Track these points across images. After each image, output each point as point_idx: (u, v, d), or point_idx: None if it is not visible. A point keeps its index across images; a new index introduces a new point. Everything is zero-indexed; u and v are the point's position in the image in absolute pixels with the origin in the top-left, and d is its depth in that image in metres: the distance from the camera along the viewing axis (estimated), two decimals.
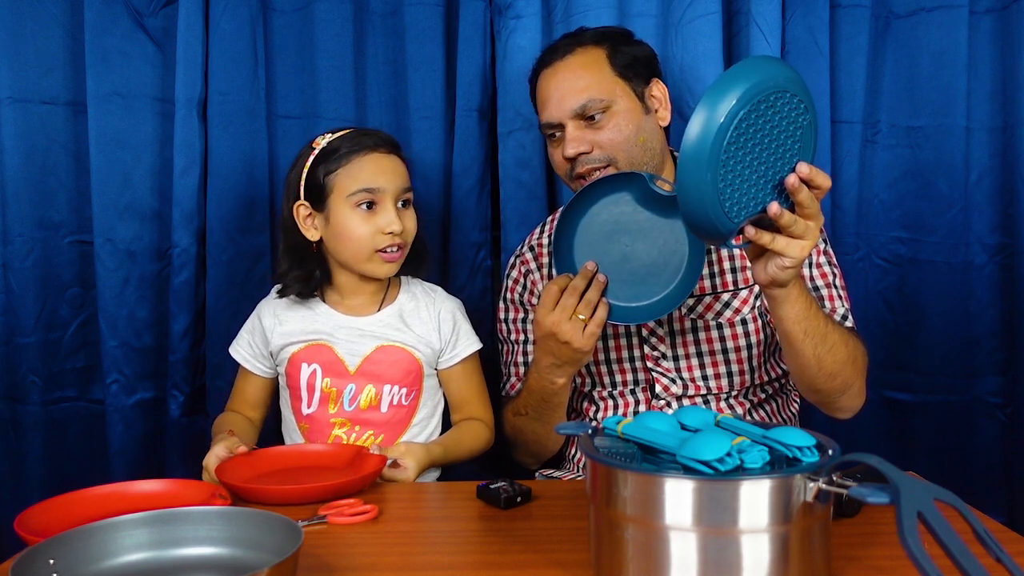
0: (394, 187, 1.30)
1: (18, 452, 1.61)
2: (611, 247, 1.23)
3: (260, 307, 1.41)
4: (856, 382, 1.22)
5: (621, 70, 1.33)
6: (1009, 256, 1.61)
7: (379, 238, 1.29)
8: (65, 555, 0.79)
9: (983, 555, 0.68)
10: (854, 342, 1.21)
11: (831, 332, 1.14)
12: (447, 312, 1.40)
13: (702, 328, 1.33)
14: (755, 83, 0.92)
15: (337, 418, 1.34)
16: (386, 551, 0.94)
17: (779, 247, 1.00)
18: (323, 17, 1.60)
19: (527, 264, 1.48)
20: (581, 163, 1.32)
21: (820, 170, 0.99)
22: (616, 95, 1.31)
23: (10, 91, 1.54)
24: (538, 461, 1.46)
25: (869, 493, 0.68)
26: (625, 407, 1.37)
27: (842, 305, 1.30)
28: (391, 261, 1.31)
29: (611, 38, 1.35)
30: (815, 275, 1.31)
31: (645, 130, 1.33)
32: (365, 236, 1.29)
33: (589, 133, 1.31)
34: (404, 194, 1.32)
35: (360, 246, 1.30)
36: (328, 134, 1.34)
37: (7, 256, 1.57)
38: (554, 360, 1.23)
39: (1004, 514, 1.62)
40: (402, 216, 1.31)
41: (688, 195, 0.94)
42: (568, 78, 1.33)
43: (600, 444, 0.85)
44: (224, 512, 0.86)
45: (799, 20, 1.59)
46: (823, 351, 1.14)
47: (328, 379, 1.34)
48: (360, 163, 1.29)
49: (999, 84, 1.61)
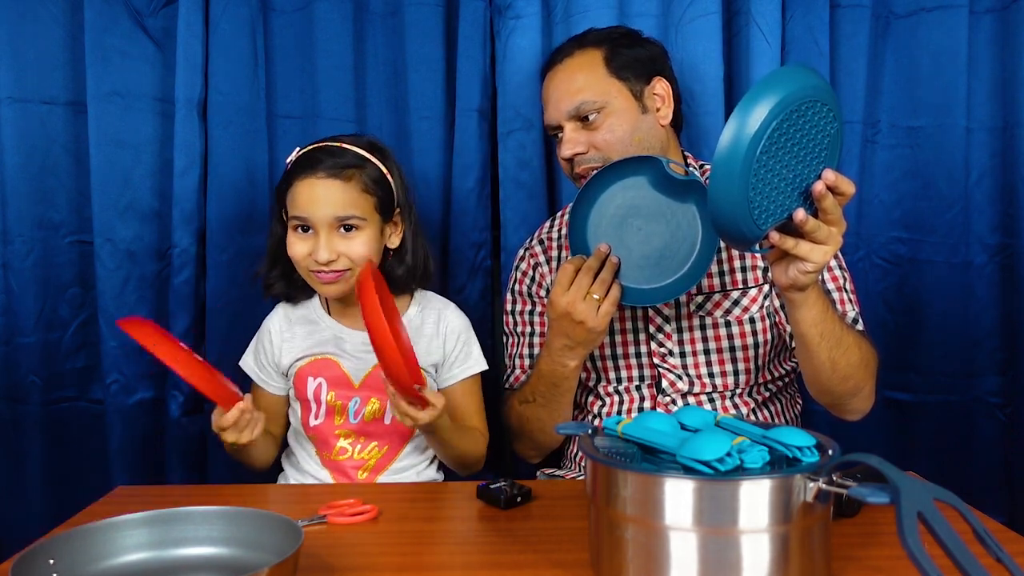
0: (325, 216, 1.26)
1: (18, 452, 1.61)
2: (625, 230, 1.25)
3: (266, 323, 1.41)
4: (867, 385, 1.24)
5: (617, 71, 1.34)
6: (1009, 256, 1.61)
7: (309, 261, 1.28)
8: (65, 555, 0.79)
9: (983, 555, 0.68)
10: (866, 345, 1.23)
11: (846, 335, 1.16)
12: (454, 328, 1.39)
13: (710, 325, 1.34)
14: (788, 94, 0.92)
15: (342, 430, 1.34)
16: (386, 551, 0.94)
17: (802, 252, 1.02)
18: (323, 17, 1.60)
19: (536, 257, 1.48)
20: (578, 163, 1.34)
21: (845, 176, 1.00)
22: (611, 96, 1.33)
23: (10, 91, 1.54)
24: (541, 453, 1.45)
25: (869, 493, 0.68)
26: (631, 403, 1.37)
27: (852, 309, 1.31)
28: (329, 283, 1.29)
29: (613, 40, 1.37)
30: (826, 278, 1.32)
31: (641, 129, 1.34)
32: (298, 258, 1.29)
33: (585, 134, 1.33)
34: (341, 222, 1.27)
35: (298, 265, 1.30)
36: (299, 148, 1.32)
37: (7, 256, 1.57)
38: (567, 341, 1.24)
39: (1004, 514, 1.62)
40: (339, 243, 1.27)
41: (719, 204, 0.95)
42: (565, 80, 1.35)
43: (600, 444, 0.85)
44: (224, 512, 0.86)
45: (799, 20, 1.59)
46: (838, 354, 1.16)
47: (333, 392, 1.34)
48: (298, 188, 1.27)
49: (999, 84, 1.61)
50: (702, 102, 1.58)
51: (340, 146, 1.31)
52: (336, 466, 1.35)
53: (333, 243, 1.27)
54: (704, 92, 1.58)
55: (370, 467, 1.35)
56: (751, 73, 1.58)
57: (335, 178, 1.27)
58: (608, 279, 1.21)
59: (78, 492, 1.57)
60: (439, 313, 1.40)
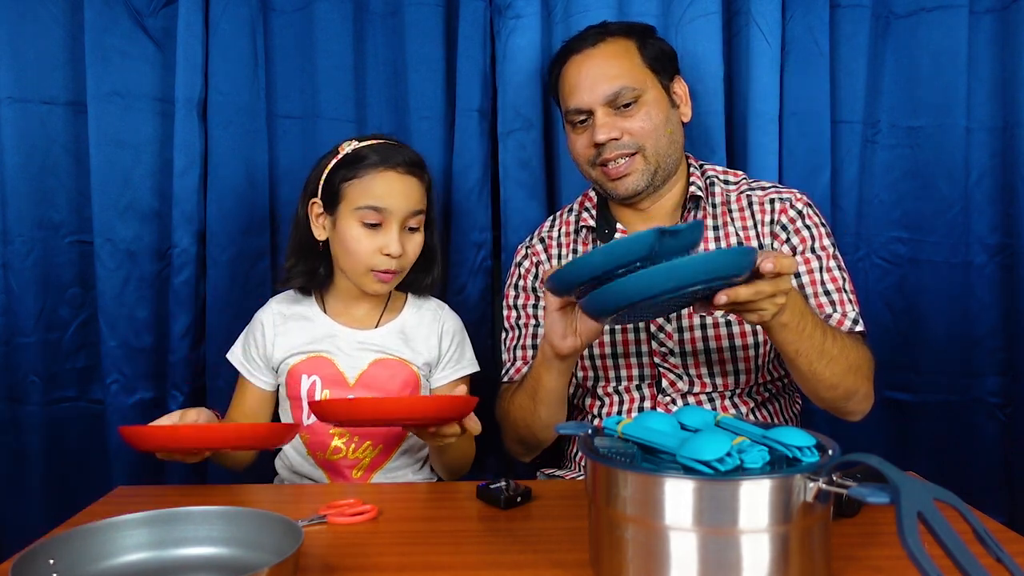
0: (402, 210, 1.28)
1: (18, 452, 1.61)
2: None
3: (259, 316, 1.40)
4: (861, 388, 1.23)
5: (651, 62, 1.35)
6: (1009, 256, 1.61)
7: (377, 258, 1.28)
8: (65, 555, 0.79)
9: (983, 555, 0.68)
10: (857, 351, 1.21)
11: (829, 346, 1.15)
12: (450, 328, 1.40)
13: (711, 325, 1.33)
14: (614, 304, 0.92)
15: (336, 429, 1.34)
16: (386, 551, 0.94)
17: (752, 307, 1.01)
18: (323, 17, 1.60)
19: (538, 255, 1.48)
20: (610, 148, 1.33)
21: (736, 289, 0.96)
22: (647, 85, 1.34)
23: (10, 91, 1.54)
24: (527, 450, 1.40)
25: (869, 493, 0.68)
26: (631, 402, 1.37)
27: (852, 309, 1.31)
28: (383, 281, 1.30)
29: (639, 31, 1.38)
30: (826, 279, 1.32)
31: (672, 122, 1.36)
32: (363, 252, 1.28)
33: (620, 120, 1.33)
34: (412, 218, 1.30)
35: (357, 260, 1.29)
36: (355, 141, 1.33)
37: (7, 256, 1.57)
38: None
39: (1004, 514, 1.62)
40: (405, 240, 1.29)
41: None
42: (601, 65, 1.34)
43: (600, 444, 0.85)
44: (224, 512, 0.86)
45: (799, 20, 1.59)
46: (820, 366, 1.15)
47: (328, 391, 1.33)
48: (374, 179, 1.28)
49: (999, 84, 1.61)
50: (702, 102, 1.58)
51: (407, 145, 1.34)
52: (331, 466, 1.35)
53: (403, 239, 1.29)
54: (704, 92, 1.58)
55: (364, 466, 1.35)
56: (751, 73, 1.58)
57: (412, 175, 1.30)
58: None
59: (78, 492, 1.58)
60: (434, 313, 1.41)
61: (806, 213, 1.35)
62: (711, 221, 1.37)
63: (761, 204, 1.36)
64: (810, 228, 1.34)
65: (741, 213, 1.37)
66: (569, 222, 1.48)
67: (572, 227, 1.47)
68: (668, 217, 1.40)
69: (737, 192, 1.39)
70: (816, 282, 1.31)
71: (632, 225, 1.41)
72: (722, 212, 1.38)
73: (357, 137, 1.34)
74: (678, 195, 1.41)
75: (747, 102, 1.59)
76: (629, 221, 1.42)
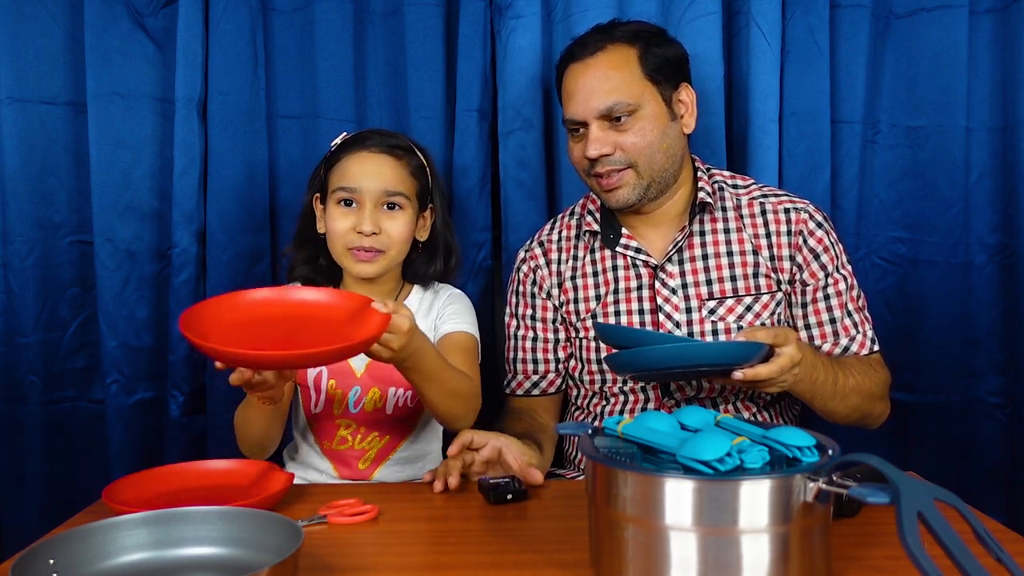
0: (375, 189, 1.29)
1: (18, 452, 1.61)
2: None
3: None
4: (876, 409, 1.29)
5: (651, 73, 1.31)
6: (1009, 256, 1.61)
7: (351, 236, 1.30)
8: (65, 555, 0.79)
9: (983, 555, 0.68)
10: (871, 377, 1.26)
11: (842, 384, 1.20)
12: (454, 295, 1.41)
13: (723, 331, 1.33)
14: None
15: (342, 419, 1.34)
16: (386, 551, 0.94)
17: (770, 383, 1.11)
18: (323, 17, 1.60)
19: (536, 260, 1.47)
20: (602, 164, 1.32)
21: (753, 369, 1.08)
22: (644, 99, 1.30)
23: (10, 91, 1.54)
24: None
25: (869, 493, 0.68)
26: (635, 403, 1.37)
27: (870, 329, 1.35)
28: (363, 261, 1.31)
29: (644, 38, 1.33)
30: (847, 300, 1.34)
31: (669, 136, 1.33)
32: (339, 232, 1.30)
33: (613, 135, 1.30)
34: (389, 197, 1.30)
35: (336, 241, 1.31)
36: (346, 133, 1.37)
37: (7, 256, 1.57)
38: None
39: (1004, 514, 1.62)
40: (383, 219, 1.30)
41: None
42: (597, 76, 1.31)
43: (600, 444, 0.85)
44: (224, 512, 0.86)
45: (799, 20, 1.59)
46: (833, 404, 1.21)
47: (334, 381, 1.34)
48: (348, 161, 1.32)
49: (999, 84, 1.61)
50: (702, 102, 1.57)
51: (399, 133, 1.38)
52: (337, 455, 1.35)
53: (377, 217, 1.29)
54: (704, 92, 1.58)
55: (371, 458, 1.35)
56: (751, 73, 1.58)
57: (387, 154, 1.33)
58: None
59: (78, 492, 1.58)
60: (435, 295, 1.42)
61: (827, 228, 1.36)
62: (721, 226, 1.37)
63: (775, 213, 1.36)
64: (834, 246, 1.36)
65: (753, 220, 1.37)
66: (570, 226, 1.48)
67: (573, 231, 1.47)
68: (674, 222, 1.39)
69: (748, 197, 1.38)
70: (843, 304, 1.33)
71: (637, 230, 1.40)
72: (734, 217, 1.37)
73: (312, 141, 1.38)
74: (684, 200, 1.40)
75: (747, 102, 1.59)
76: (634, 226, 1.41)
